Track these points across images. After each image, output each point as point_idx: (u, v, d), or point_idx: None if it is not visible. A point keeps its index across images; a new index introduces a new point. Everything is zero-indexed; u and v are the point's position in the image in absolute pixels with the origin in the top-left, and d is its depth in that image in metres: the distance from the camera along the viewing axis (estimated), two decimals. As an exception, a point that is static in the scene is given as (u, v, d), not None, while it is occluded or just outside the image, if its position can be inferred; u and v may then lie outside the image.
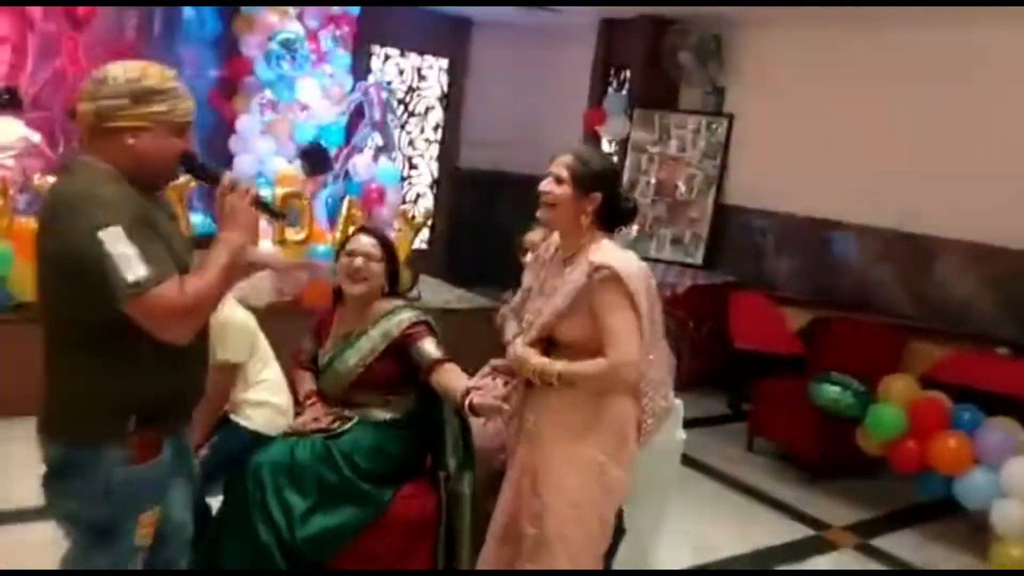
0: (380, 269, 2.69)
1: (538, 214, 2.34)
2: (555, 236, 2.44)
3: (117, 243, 1.59)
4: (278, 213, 2.32)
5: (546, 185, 2.27)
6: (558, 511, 2.23)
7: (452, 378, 2.49)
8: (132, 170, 1.73)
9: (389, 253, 2.74)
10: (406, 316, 2.70)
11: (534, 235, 3.29)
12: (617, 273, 2.15)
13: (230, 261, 1.76)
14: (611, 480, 2.24)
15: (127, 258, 1.59)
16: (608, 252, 2.23)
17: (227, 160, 5.91)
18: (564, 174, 2.25)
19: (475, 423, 2.92)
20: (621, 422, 2.25)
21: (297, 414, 2.75)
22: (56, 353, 1.76)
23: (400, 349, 2.65)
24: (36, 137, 5.07)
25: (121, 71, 1.72)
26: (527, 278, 2.56)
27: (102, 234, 1.58)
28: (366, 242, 2.70)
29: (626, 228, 2.46)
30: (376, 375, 2.67)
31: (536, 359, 2.23)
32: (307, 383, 2.81)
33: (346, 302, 2.74)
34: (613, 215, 2.32)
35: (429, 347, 2.62)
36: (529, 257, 3.23)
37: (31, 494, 3.29)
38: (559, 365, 2.19)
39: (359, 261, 2.66)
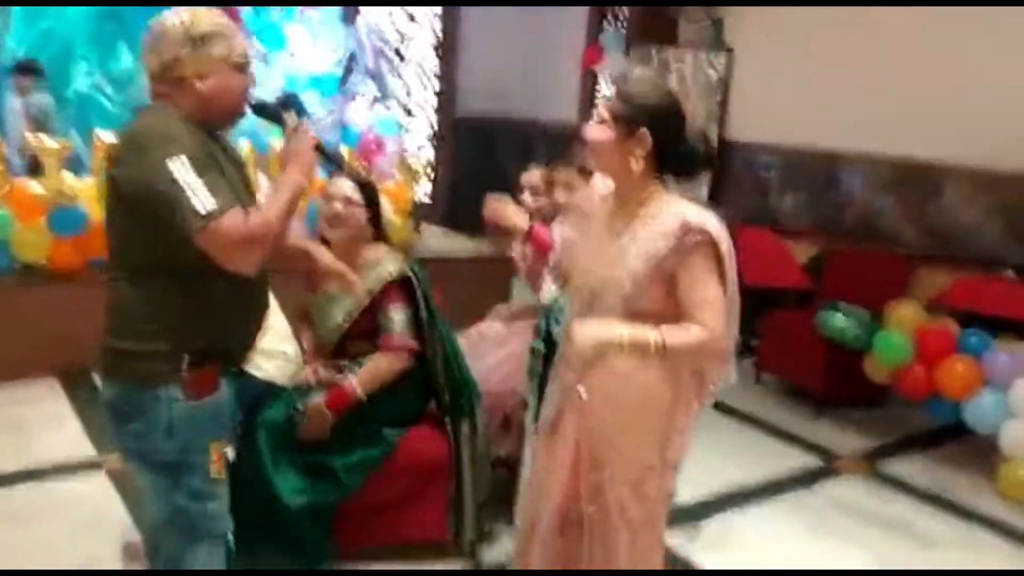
0: (360, 214, 2.64)
1: (589, 163, 2.15)
2: (599, 184, 2.16)
3: (185, 173, 1.65)
4: (336, 159, 2.31)
5: (588, 129, 2.01)
6: (618, 487, 2.02)
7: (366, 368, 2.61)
8: (201, 113, 1.80)
9: (369, 197, 2.68)
10: (388, 270, 2.65)
11: (532, 175, 3.25)
12: (713, 238, 1.88)
13: (291, 198, 1.83)
14: (672, 451, 2.05)
15: (195, 188, 1.65)
16: (690, 210, 1.92)
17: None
18: (606, 114, 1.97)
19: (480, 370, 2.94)
20: (681, 390, 2.02)
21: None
22: (118, 290, 1.82)
23: (374, 307, 2.64)
24: None
25: (177, 20, 1.78)
26: (562, 230, 2.36)
27: (171, 164, 1.65)
28: (344, 186, 2.64)
29: (693, 180, 2.05)
30: (364, 327, 2.66)
31: (626, 329, 1.90)
32: (308, 337, 2.81)
33: (332, 249, 2.71)
34: (670, 160, 1.96)
35: (394, 316, 2.62)
36: (528, 198, 3.21)
37: (48, 452, 3.39)
38: (655, 333, 1.88)
39: (337, 206, 2.61)
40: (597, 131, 1.97)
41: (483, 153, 7.36)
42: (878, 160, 5.25)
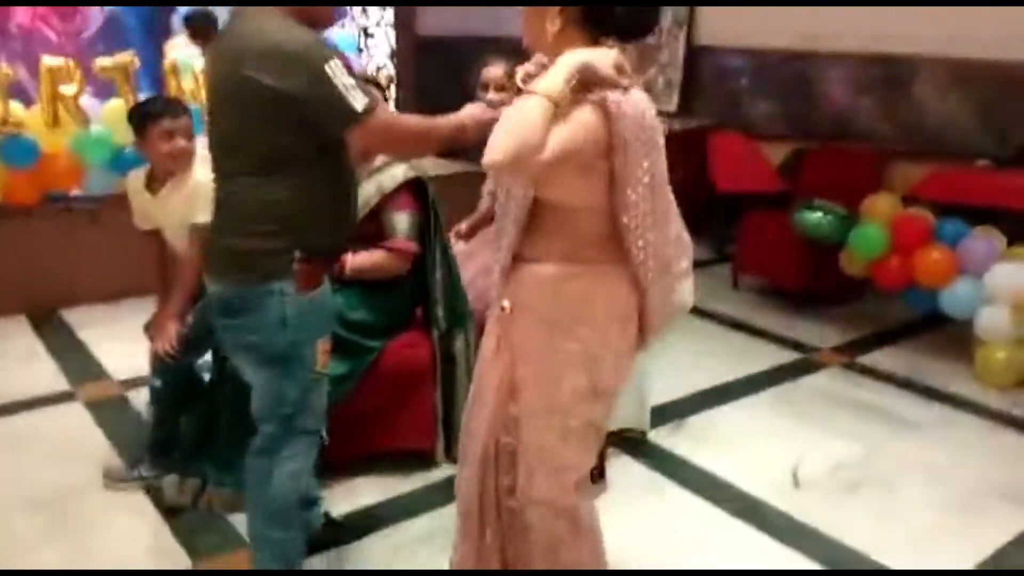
0: None
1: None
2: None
3: (341, 74, 1.73)
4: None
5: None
6: (536, 417, 1.79)
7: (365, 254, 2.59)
8: (302, 18, 1.82)
9: (383, 95, 2.63)
10: (401, 171, 2.63)
11: (493, 69, 3.12)
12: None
13: (461, 126, 1.95)
14: (604, 375, 1.78)
15: (350, 87, 1.74)
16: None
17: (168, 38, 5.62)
18: None
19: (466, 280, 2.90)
20: (614, 309, 1.76)
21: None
22: (231, 189, 1.89)
23: (379, 210, 2.60)
24: None
25: None
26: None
27: (328, 68, 1.72)
28: None
29: (638, 38, 1.71)
30: (369, 230, 2.59)
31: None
32: None
33: None
34: (595, 19, 1.65)
35: (401, 223, 2.61)
36: (491, 95, 3.08)
37: (22, 386, 3.32)
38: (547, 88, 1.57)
39: None
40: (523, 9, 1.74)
41: (445, 71, 7.16)
42: (850, 57, 5.17)
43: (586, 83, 1.58)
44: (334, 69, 1.73)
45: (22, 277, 4.06)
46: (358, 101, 1.75)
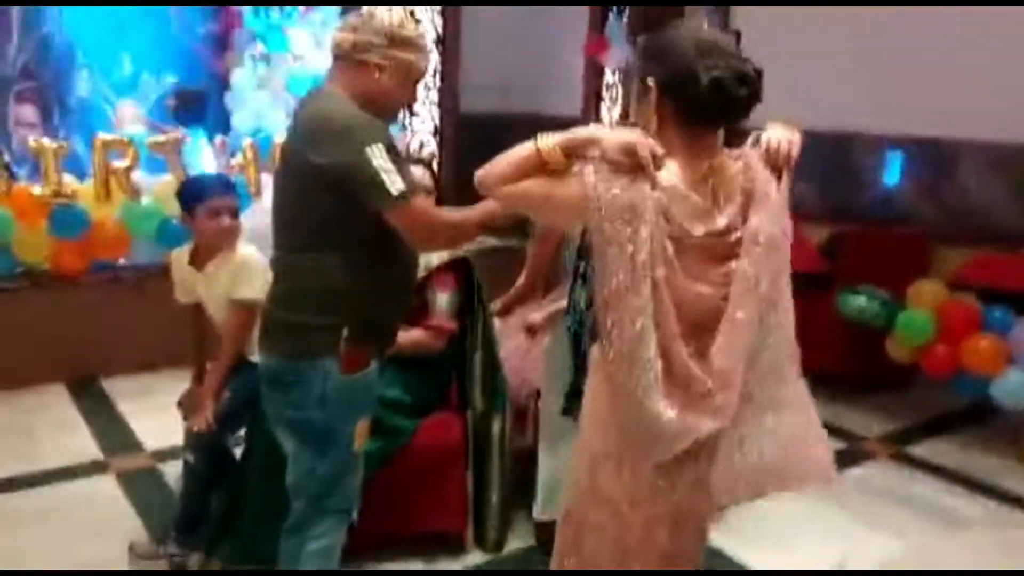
0: (432, 201, 2.60)
1: None
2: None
3: (380, 158, 1.79)
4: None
5: None
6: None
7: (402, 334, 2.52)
8: (369, 103, 1.90)
9: (436, 183, 2.68)
10: (444, 253, 2.64)
11: None
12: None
13: (492, 215, 1.96)
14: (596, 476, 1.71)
15: (388, 171, 1.79)
16: None
17: (224, 117, 5.80)
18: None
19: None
20: (596, 402, 1.71)
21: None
22: (289, 264, 1.96)
23: (422, 287, 2.60)
24: None
25: (387, 15, 1.93)
26: None
27: (369, 149, 1.78)
28: (420, 175, 2.60)
29: (716, 125, 1.67)
30: (411, 306, 2.60)
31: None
32: None
33: None
34: (692, 106, 1.60)
35: (443, 302, 2.62)
36: None
37: (55, 456, 3.33)
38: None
39: (421, 196, 2.58)
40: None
41: (487, 149, 7.28)
42: (891, 140, 5.15)
43: (584, 156, 1.61)
44: (375, 151, 1.78)
45: (63, 345, 4.11)
46: (394, 185, 1.79)
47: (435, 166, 7.04)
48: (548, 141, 1.62)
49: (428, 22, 7.35)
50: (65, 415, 3.82)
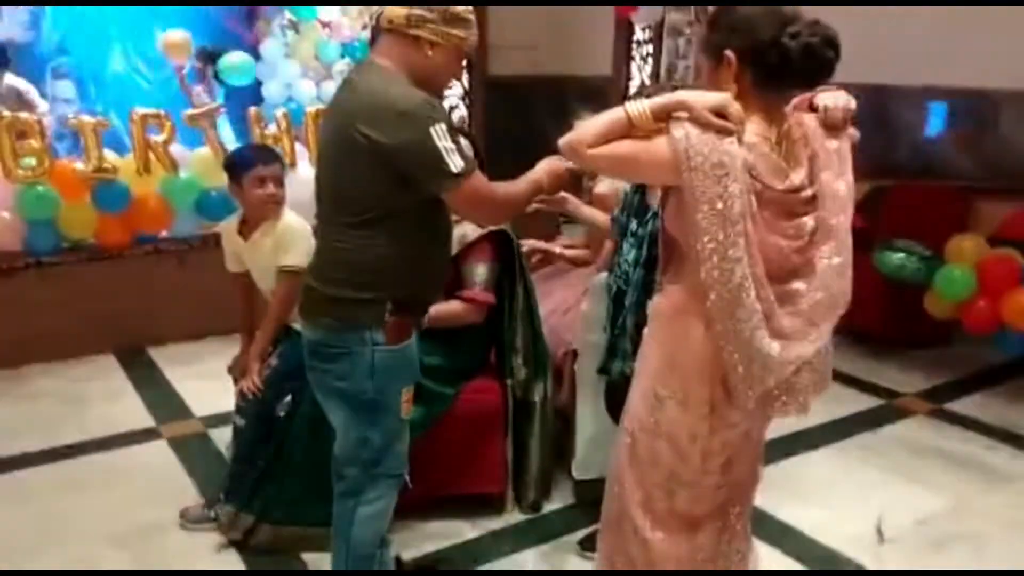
0: None
1: None
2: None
3: (443, 138, 1.80)
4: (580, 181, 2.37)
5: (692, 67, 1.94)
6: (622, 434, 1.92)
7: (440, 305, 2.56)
8: (418, 78, 1.90)
9: (475, 152, 2.67)
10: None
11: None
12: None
13: (535, 190, 2.02)
14: (661, 423, 1.81)
15: (450, 151, 1.80)
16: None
17: (255, 88, 5.84)
18: (700, 54, 1.80)
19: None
20: (666, 348, 1.80)
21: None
22: (334, 239, 1.95)
23: (460, 259, 2.63)
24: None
25: None
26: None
27: (432, 130, 1.79)
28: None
29: (794, 87, 1.75)
30: (448, 278, 2.62)
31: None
32: None
33: None
34: (775, 71, 1.67)
35: (480, 273, 2.63)
36: None
37: (108, 423, 3.45)
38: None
39: None
40: (698, 66, 1.89)
41: (516, 111, 7.25)
42: (929, 92, 5.03)
43: (673, 118, 1.66)
44: (438, 131, 1.80)
45: (112, 317, 4.23)
46: (455, 164, 1.81)
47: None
48: (637, 106, 1.66)
49: (455, -16, 7.30)
50: (116, 384, 3.94)
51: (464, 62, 2.04)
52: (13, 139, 3.88)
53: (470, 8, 1.96)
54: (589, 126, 1.71)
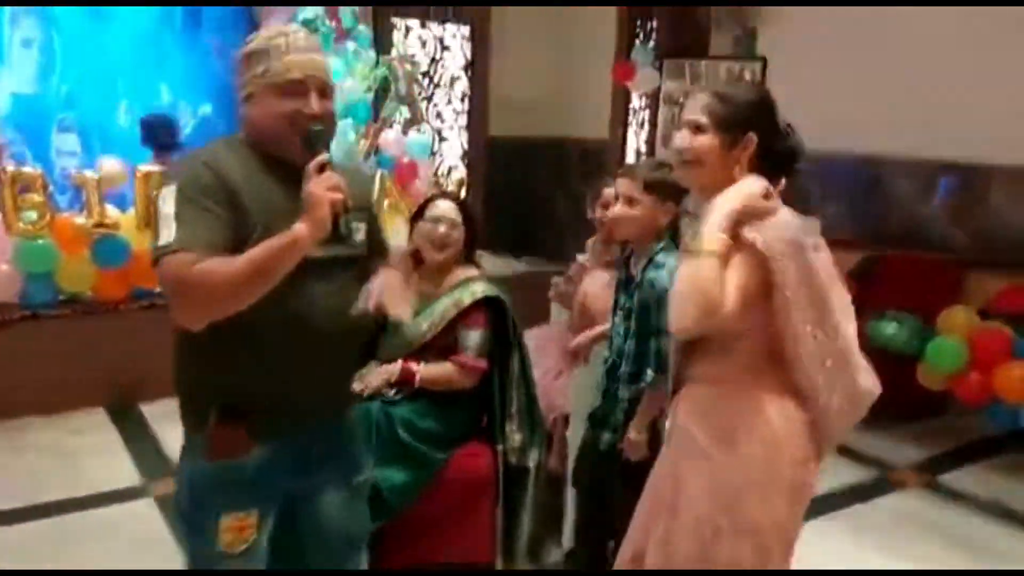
0: (461, 235, 2.67)
1: (676, 174, 1.89)
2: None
3: (166, 203, 1.53)
4: (348, 231, 1.66)
5: (682, 139, 1.78)
6: (686, 541, 1.75)
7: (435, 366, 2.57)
8: (256, 141, 1.66)
9: (468, 218, 2.70)
10: (479, 289, 2.67)
11: (613, 188, 3.11)
12: (759, 248, 1.64)
13: (274, 252, 1.52)
14: (754, 510, 1.71)
15: (166, 220, 1.52)
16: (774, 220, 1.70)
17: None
18: (703, 119, 1.75)
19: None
20: (774, 429, 1.72)
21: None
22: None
23: (455, 324, 2.64)
24: None
25: (252, 38, 1.67)
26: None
27: (160, 193, 1.56)
28: (448, 208, 2.67)
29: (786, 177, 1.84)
30: (442, 342, 2.64)
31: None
32: None
33: (421, 266, 2.69)
34: (773, 160, 1.78)
35: (473, 339, 2.62)
36: (612, 211, 2.93)
37: (96, 480, 3.42)
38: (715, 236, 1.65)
39: (443, 228, 2.63)
40: (699, 140, 1.75)
41: (515, 173, 7.37)
42: (921, 163, 5.13)
43: (740, 222, 1.65)
44: (166, 194, 1.53)
45: (104, 371, 4.22)
46: (163, 235, 1.51)
47: (464, 192, 7.12)
48: (712, 239, 1.62)
49: (457, 47, 7.47)
50: (105, 440, 3.92)
51: (293, 94, 1.61)
52: (16, 193, 3.93)
53: (277, 33, 1.65)
54: (698, 297, 1.59)
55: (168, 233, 1.50)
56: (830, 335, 1.68)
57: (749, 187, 1.68)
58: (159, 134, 5.16)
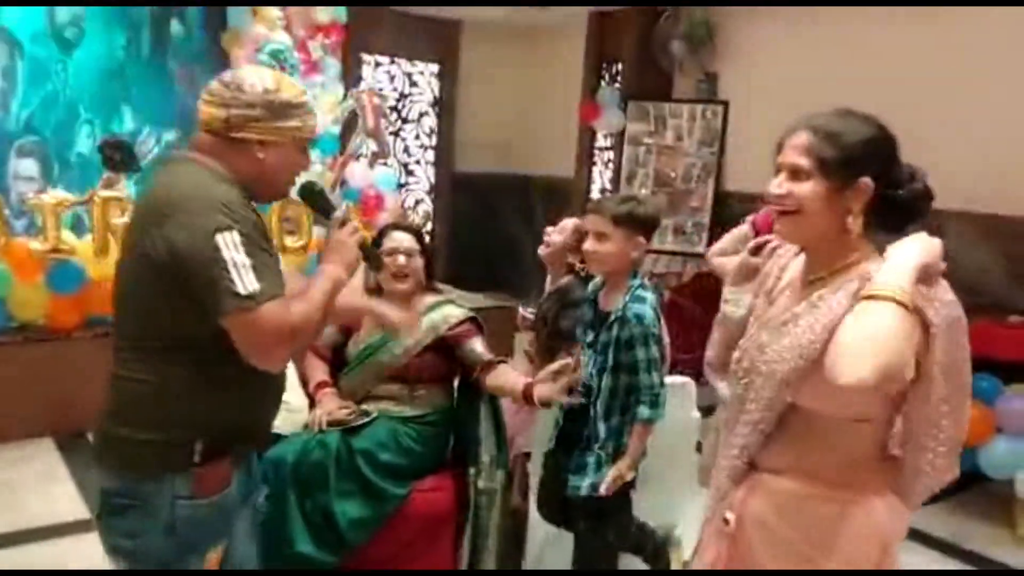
0: (419, 263, 2.69)
1: (776, 230, 1.54)
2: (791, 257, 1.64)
3: (234, 250, 1.50)
4: (377, 261, 2.15)
5: (779, 186, 1.49)
6: None
7: (508, 378, 2.52)
8: (251, 181, 1.66)
9: (423, 246, 2.73)
10: (453, 312, 2.68)
11: (569, 224, 3.12)
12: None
13: (332, 292, 1.70)
14: None
15: (242, 267, 1.50)
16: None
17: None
18: (804, 163, 1.46)
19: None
20: (884, 533, 1.51)
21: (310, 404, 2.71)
22: (126, 368, 1.62)
23: (446, 346, 2.64)
24: None
25: (258, 80, 1.65)
26: (747, 295, 1.70)
27: (219, 238, 1.50)
28: (403, 238, 2.68)
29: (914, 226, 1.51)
30: (413, 369, 2.63)
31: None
32: (319, 373, 2.74)
33: (384, 296, 2.67)
34: (894, 208, 1.49)
35: (479, 347, 2.63)
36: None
37: (41, 513, 3.30)
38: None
39: (402, 259, 2.64)
40: (801, 187, 1.46)
41: (481, 208, 7.41)
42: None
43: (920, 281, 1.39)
44: (227, 240, 1.49)
45: (53, 399, 4.11)
46: (244, 283, 1.49)
47: (429, 225, 7.13)
48: (900, 291, 1.34)
49: (425, 84, 7.53)
50: (51, 470, 3.80)
51: (307, 149, 1.75)
52: (-30, 217, 3.85)
53: (300, 89, 1.72)
54: (890, 345, 1.30)
55: (250, 280, 1.50)
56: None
57: (931, 242, 1.42)
58: (117, 155, 5.15)
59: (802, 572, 1.51)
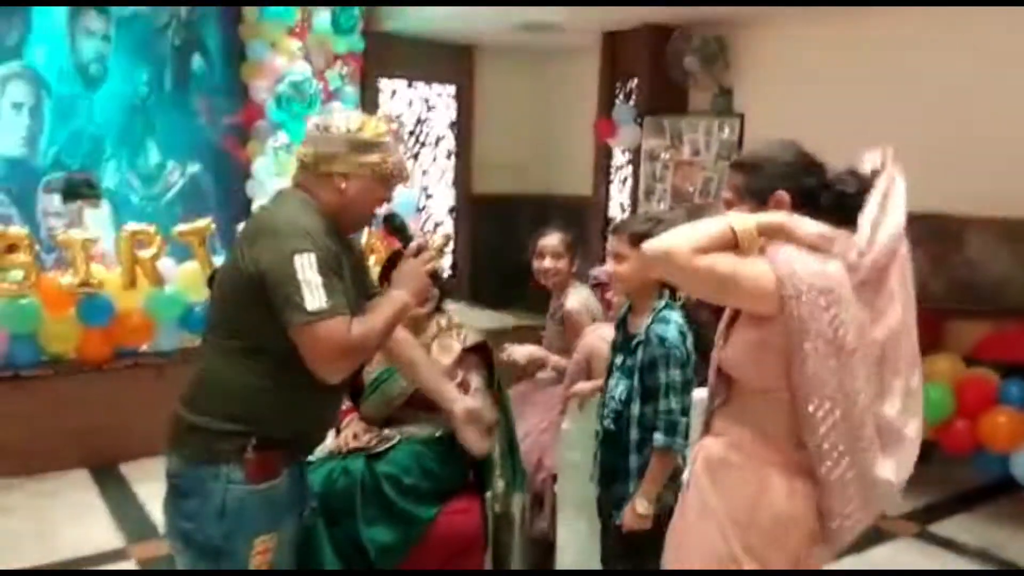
0: (435, 290, 2.68)
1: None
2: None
3: (307, 269, 1.70)
4: (445, 287, 2.32)
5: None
6: None
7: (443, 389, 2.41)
8: (336, 211, 1.88)
9: (435, 280, 2.73)
10: (466, 337, 2.72)
11: (550, 238, 3.31)
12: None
13: (396, 317, 1.88)
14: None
15: (312, 285, 1.69)
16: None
17: (246, 204, 5.97)
18: (729, 195, 1.80)
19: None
20: (766, 512, 1.65)
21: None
22: (209, 362, 1.86)
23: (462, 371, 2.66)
24: None
25: (344, 121, 1.89)
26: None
27: (297, 259, 1.70)
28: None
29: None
30: (424, 396, 2.59)
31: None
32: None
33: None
34: (828, 208, 1.72)
35: (473, 383, 2.65)
36: (547, 262, 3.24)
37: (76, 543, 3.34)
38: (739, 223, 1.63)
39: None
40: (732, 212, 1.72)
41: (500, 228, 7.44)
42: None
43: (775, 240, 1.61)
44: (304, 262, 1.70)
45: (86, 431, 4.17)
46: (314, 300, 1.69)
47: (450, 246, 7.18)
48: (744, 222, 1.59)
49: (443, 107, 7.60)
50: (86, 501, 3.85)
51: (391, 184, 1.92)
52: (2, 253, 3.93)
53: (382, 130, 1.91)
54: (685, 233, 1.58)
55: (319, 298, 1.69)
56: (847, 411, 1.57)
57: (803, 219, 1.63)
58: (79, 186, 5.39)
59: (801, 572, 1.66)
